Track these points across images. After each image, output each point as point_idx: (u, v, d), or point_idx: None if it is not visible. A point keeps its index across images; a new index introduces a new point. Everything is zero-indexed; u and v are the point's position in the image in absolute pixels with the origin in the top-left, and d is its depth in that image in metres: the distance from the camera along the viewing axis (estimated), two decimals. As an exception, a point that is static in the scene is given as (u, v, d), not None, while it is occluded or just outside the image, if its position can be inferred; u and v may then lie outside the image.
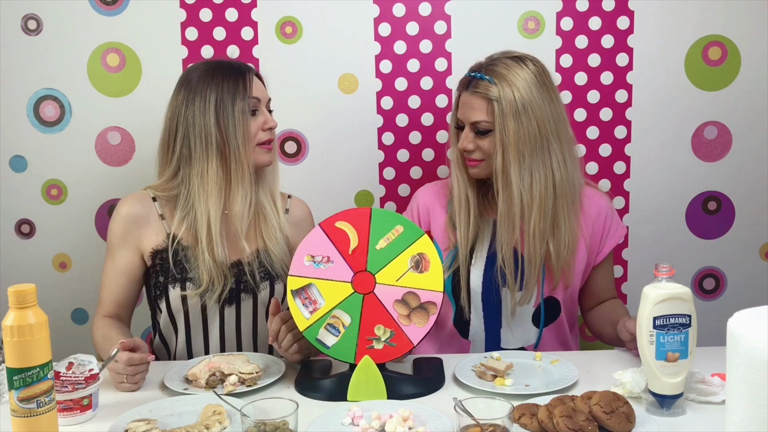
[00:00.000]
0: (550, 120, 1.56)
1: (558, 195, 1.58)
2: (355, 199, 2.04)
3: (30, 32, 1.96)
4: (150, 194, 1.65)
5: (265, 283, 1.63)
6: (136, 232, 1.62)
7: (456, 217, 1.65)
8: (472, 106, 1.58)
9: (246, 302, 1.63)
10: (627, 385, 1.29)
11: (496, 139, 1.55)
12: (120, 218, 1.63)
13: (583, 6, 1.95)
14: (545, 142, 1.55)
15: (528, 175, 1.55)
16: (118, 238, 1.63)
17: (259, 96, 1.61)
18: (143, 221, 1.62)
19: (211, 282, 1.57)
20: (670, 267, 1.25)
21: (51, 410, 1.11)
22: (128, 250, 1.63)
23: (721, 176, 2.02)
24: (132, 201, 1.64)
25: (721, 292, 2.08)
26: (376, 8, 1.95)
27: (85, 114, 1.99)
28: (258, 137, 1.60)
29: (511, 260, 1.59)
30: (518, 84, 1.54)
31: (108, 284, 1.64)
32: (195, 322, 1.63)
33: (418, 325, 1.36)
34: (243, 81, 1.59)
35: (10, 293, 1.08)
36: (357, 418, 1.23)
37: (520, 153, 1.54)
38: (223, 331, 1.64)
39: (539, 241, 1.57)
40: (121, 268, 1.63)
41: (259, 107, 1.61)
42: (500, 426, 1.08)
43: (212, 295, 1.58)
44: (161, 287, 1.62)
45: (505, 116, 1.53)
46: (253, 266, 1.62)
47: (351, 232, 1.38)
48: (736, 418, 0.95)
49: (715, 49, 1.96)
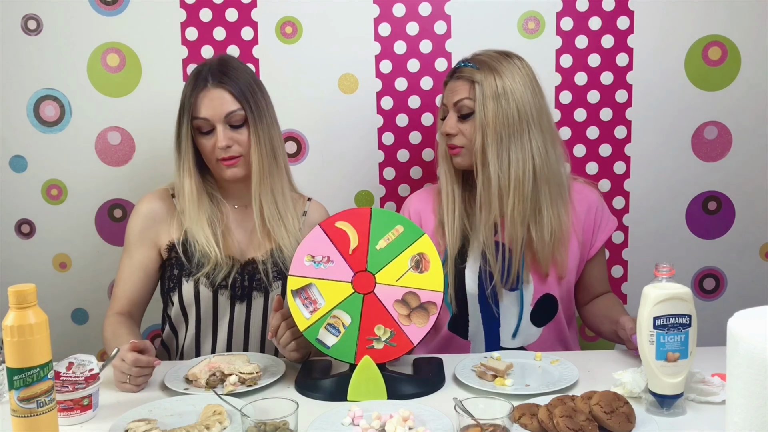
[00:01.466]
0: (531, 107, 1.59)
1: (538, 180, 1.59)
2: (355, 199, 2.04)
3: (30, 32, 1.96)
4: (170, 191, 1.68)
5: (278, 282, 1.64)
6: (154, 229, 1.64)
7: (444, 217, 1.66)
8: (455, 89, 1.63)
9: (257, 300, 1.64)
10: (627, 385, 1.29)
11: (476, 121, 1.59)
12: (139, 216, 1.65)
13: (583, 6, 1.95)
14: (524, 126, 1.58)
15: (506, 156, 1.58)
16: (136, 235, 1.64)
17: (208, 115, 1.57)
18: (162, 218, 1.64)
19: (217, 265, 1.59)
20: (670, 267, 1.25)
21: (51, 410, 1.11)
22: (146, 247, 1.64)
23: (721, 176, 2.02)
24: (152, 198, 1.67)
25: (721, 292, 2.08)
26: (376, 8, 1.95)
27: (85, 114, 1.99)
28: (214, 155, 1.59)
29: (493, 249, 1.61)
30: (501, 71, 1.59)
31: (123, 280, 1.65)
32: (205, 316, 1.63)
33: (418, 325, 1.36)
34: (192, 98, 1.58)
35: (10, 293, 1.08)
36: (357, 418, 1.23)
37: (497, 134, 1.57)
38: (232, 328, 1.65)
39: (519, 225, 1.59)
40: (137, 265, 1.64)
41: (212, 124, 1.58)
42: (500, 426, 1.08)
43: (217, 278, 1.59)
44: (175, 279, 1.63)
45: (485, 98, 1.58)
46: (267, 265, 1.62)
47: (351, 232, 1.38)
48: (736, 418, 0.95)
49: (715, 49, 1.96)
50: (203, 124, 1.58)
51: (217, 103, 1.58)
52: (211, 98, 1.58)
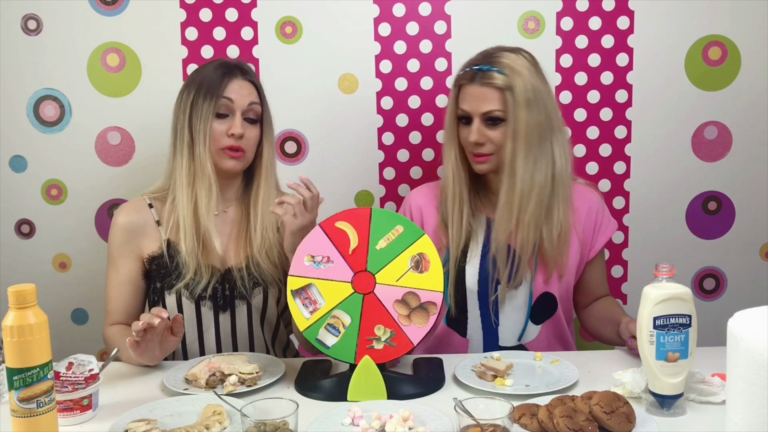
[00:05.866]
0: (555, 109, 1.59)
1: (556, 184, 1.59)
2: (355, 199, 2.04)
3: (30, 32, 1.96)
4: (146, 201, 1.65)
5: (258, 289, 1.63)
6: (135, 241, 1.62)
7: (449, 216, 1.65)
8: (483, 96, 1.57)
9: (240, 309, 1.63)
10: (627, 385, 1.29)
11: (508, 129, 1.56)
12: (118, 228, 1.62)
13: (583, 6, 1.95)
14: (550, 132, 1.58)
15: (533, 162, 1.56)
16: (118, 248, 1.63)
17: (234, 97, 1.58)
18: (140, 229, 1.62)
19: (196, 273, 1.58)
20: (670, 267, 1.25)
21: (51, 410, 1.11)
22: (129, 259, 1.63)
23: (721, 176, 2.02)
24: (128, 210, 1.64)
25: (721, 292, 2.08)
26: (376, 8, 1.95)
27: (85, 114, 1.99)
28: (221, 142, 1.58)
29: (504, 252, 1.61)
30: (524, 73, 1.56)
31: (114, 296, 1.64)
32: (190, 329, 1.63)
33: (418, 325, 1.36)
34: (221, 80, 1.59)
35: (10, 293, 1.08)
36: (357, 418, 1.23)
37: (528, 142, 1.55)
38: (219, 338, 1.64)
39: (533, 229, 1.59)
40: (124, 278, 1.63)
41: (233, 110, 1.59)
42: (500, 426, 1.08)
43: (197, 289, 1.58)
44: (158, 293, 1.62)
45: (517, 105, 1.54)
46: (243, 273, 1.61)
47: (351, 232, 1.38)
48: (736, 418, 0.95)
49: (715, 49, 1.96)
50: (226, 105, 1.58)
51: (246, 92, 1.60)
52: (240, 86, 1.60)
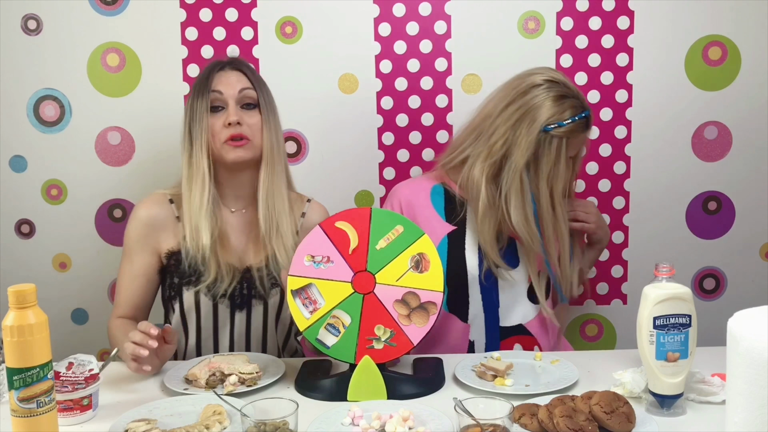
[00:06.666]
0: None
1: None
2: (355, 199, 2.04)
3: (30, 32, 1.96)
4: (167, 196, 1.65)
5: (275, 289, 1.63)
6: (154, 235, 1.62)
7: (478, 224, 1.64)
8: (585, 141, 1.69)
9: (257, 308, 1.63)
10: (627, 385, 1.29)
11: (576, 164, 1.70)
12: (138, 221, 1.62)
13: (583, 6, 1.95)
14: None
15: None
16: (135, 241, 1.62)
17: (222, 89, 1.59)
18: (161, 224, 1.62)
19: (218, 276, 1.57)
20: (670, 267, 1.25)
21: (51, 410, 1.11)
22: (146, 253, 1.62)
23: (721, 176, 2.02)
24: (149, 204, 1.64)
25: (721, 292, 2.08)
26: (376, 8, 1.95)
27: (85, 114, 1.99)
28: (222, 134, 1.57)
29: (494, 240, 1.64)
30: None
31: (125, 287, 1.64)
32: (206, 325, 1.63)
33: (418, 325, 1.36)
34: (208, 76, 1.60)
35: (10, 293, 1.08)
36: (357, 418, 1.23)
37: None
38: (233, 336, 1.64)
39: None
40: (138, 271, 1.63)
41: (225, 101, 1.59)
42: (500, 426, 1.08)
43: (218, 290, 1.58)
44: (175, 288, 1.62)
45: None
46: (263, 273, 1.61)
47: (351, 232, 1.38)
48: (736, 418, 0.95)
49: (715, 49, 1.96)
50: (217, 98, 1.58)
51: (233, 80, 1.61)
52: (228, 76, 1.61)
